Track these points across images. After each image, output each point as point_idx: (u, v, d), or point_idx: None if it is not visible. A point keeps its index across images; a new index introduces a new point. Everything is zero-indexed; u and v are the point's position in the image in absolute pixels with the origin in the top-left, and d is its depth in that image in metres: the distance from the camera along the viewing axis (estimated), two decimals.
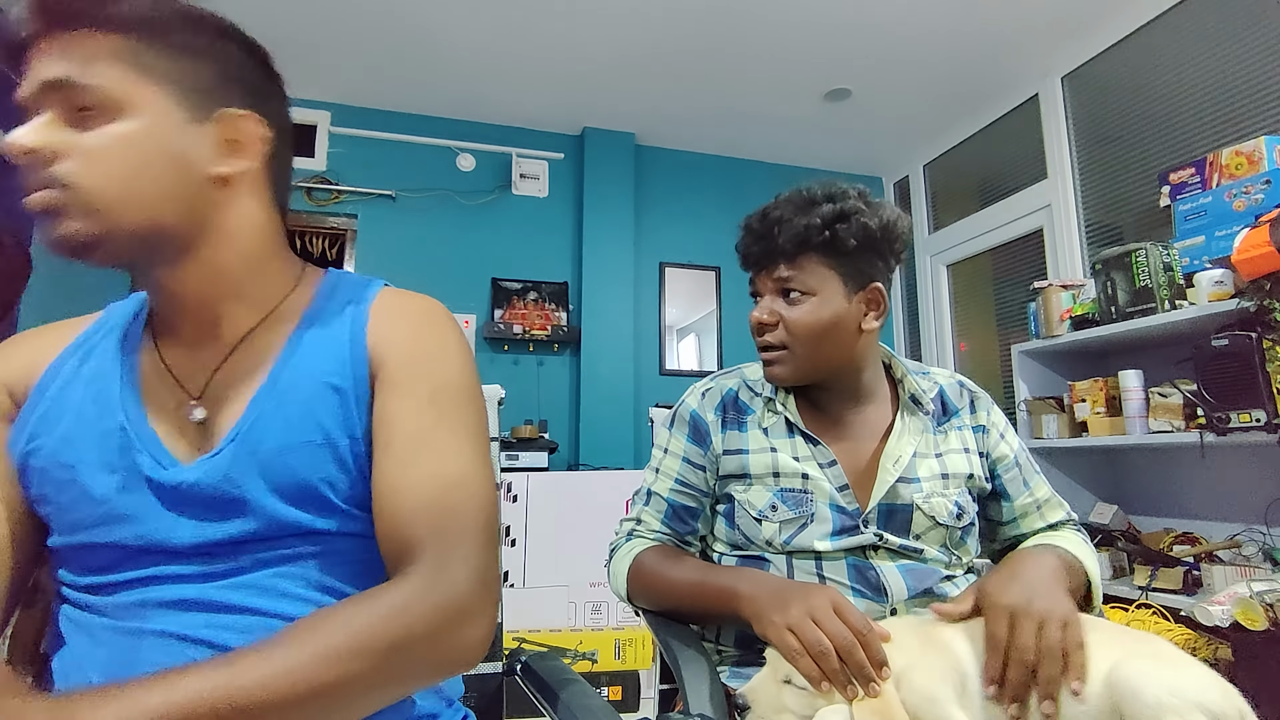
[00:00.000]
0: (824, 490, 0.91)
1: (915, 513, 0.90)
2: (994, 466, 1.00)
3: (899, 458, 0.93)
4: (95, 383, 0.62)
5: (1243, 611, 1.48)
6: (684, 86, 3.30)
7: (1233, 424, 1.82)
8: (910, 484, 0.92)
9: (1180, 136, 2.54)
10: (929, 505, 0.90)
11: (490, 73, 3.17)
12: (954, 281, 3.85)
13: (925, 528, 0.90)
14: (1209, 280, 1.92)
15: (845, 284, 0.92)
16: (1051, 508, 1.00)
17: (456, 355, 0.67)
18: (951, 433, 0.99)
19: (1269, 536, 2.02)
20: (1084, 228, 2.98)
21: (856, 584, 0.88)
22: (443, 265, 3.39)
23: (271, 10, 2.72)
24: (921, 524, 0.90)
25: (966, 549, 0.94)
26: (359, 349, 0.64)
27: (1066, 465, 2.56)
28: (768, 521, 0.91)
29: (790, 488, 0.92)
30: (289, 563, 0.58)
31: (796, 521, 0.90)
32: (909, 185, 4.11)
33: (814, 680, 0.65)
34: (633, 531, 1.01)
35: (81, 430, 0.59)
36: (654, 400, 3.48)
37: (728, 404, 1.01)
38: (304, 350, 0.63)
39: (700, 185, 3.92)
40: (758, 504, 0.93)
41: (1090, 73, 2.96)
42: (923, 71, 3.16)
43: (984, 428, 1.01)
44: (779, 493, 0.92)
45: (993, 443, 1.00)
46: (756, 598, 0.78)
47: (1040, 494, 1.00)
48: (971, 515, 0.94)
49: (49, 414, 0.60)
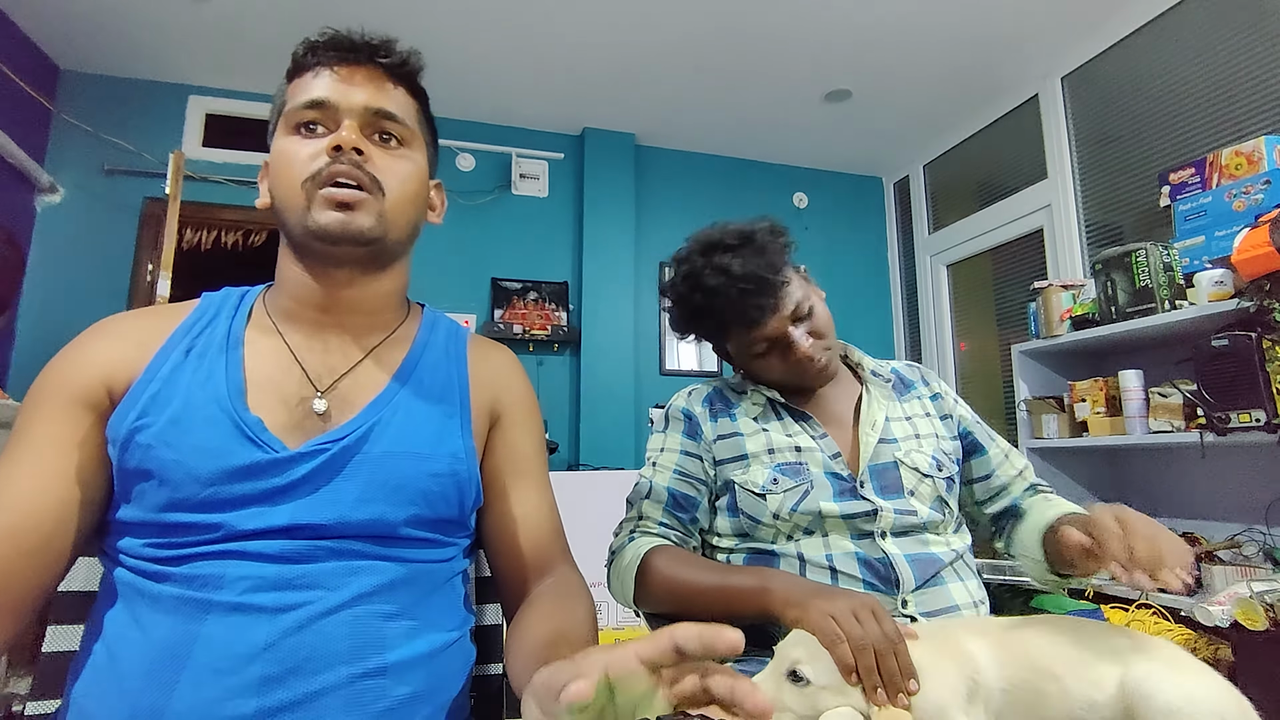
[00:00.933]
0: (818, 459, 0.97)
1: (901, 468, 0.97)
2: (960, 424, 1.09)
3: (875, 422, 1.01)
4: (205, 369, 0.66)
5: (1243, 612, 1.48)
6: (684, 86, 3.30)
7: (1233, 424, 1.82)
8: (890, 444, 0.99)
9: (1180, 136, 2.54)
10: (910, 459, 0.98)
11: (490, 73, 3.17)
12: (954, 281, 3.85)
13: (914, 482, 0.96)
14: (1209, 280, 1.92)
15: (807, 280, 1.05)
16: (1015, 455, 1.09)
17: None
18: (913, 400, 1.08)
19: (1269, 536, 2.02)
20: (1084, 228, 2.98)
21: (867, 577, 0.88)
22: (443, 265, 3.39)
23: (272, 10, 2.72)
24: (910, 479, 0.96)
25: (951, 506, 0.99)
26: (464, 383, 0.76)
27: (1066, 465, 2.56)
28: (772, 495, 0.94)
29: (786, 461, 0.97)
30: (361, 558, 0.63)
31: (798, 489, 0.94)
32: (909, 185, 4.11)
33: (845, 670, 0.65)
34: (635, 529, 1.00)
35: (192, 413, 0.62)
36: (654, 400, 3.48)
37: (714, 398, 1.08)
38: (419, 374, 0.73)
39: (700, 185, 3.92)
40: (759, 481, 0.95)
41: (1090, 73, 2.96)
42: (923, 71, 3.16)
43: (939, 395, 1.11)
44: (776, 467, 0.96)
45: (950, 406, 1.10)
46: (791, 590, 0.79)
47: (1002, 444, 1.10)
48: (950, 470, 1.01)
49: (160, 394, 0.63)
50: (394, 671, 0.60)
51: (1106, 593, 2.11)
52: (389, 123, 0.71)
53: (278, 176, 0.69)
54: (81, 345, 0.66)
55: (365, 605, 0.61)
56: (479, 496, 0.73)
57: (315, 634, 0.57)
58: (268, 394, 0.66)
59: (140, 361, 0.65)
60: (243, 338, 0.70)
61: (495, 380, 0.79)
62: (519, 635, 0.67)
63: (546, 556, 0.76)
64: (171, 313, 0.71)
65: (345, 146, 0.66)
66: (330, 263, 0.69)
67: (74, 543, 0.61)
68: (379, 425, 0.67)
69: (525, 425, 0.80)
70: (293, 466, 0.62)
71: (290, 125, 0.69)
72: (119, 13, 2.75)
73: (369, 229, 0.67)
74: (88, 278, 3.01)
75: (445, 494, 0.68)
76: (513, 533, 0.76)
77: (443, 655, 0.65)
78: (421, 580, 0.66)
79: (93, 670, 0.58)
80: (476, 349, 0.81)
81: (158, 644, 0.56)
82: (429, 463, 0.67)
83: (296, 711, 0.55)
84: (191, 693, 0.54)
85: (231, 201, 3.22)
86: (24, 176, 2.86)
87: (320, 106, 0.68)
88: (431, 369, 0.75)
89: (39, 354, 2.85)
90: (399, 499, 0.65)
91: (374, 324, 0.75)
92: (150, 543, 0.60)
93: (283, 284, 0.73)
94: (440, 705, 0.64)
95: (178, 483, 0.60)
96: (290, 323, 0.72)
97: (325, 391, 0.68)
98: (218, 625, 0.56)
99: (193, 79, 3.24)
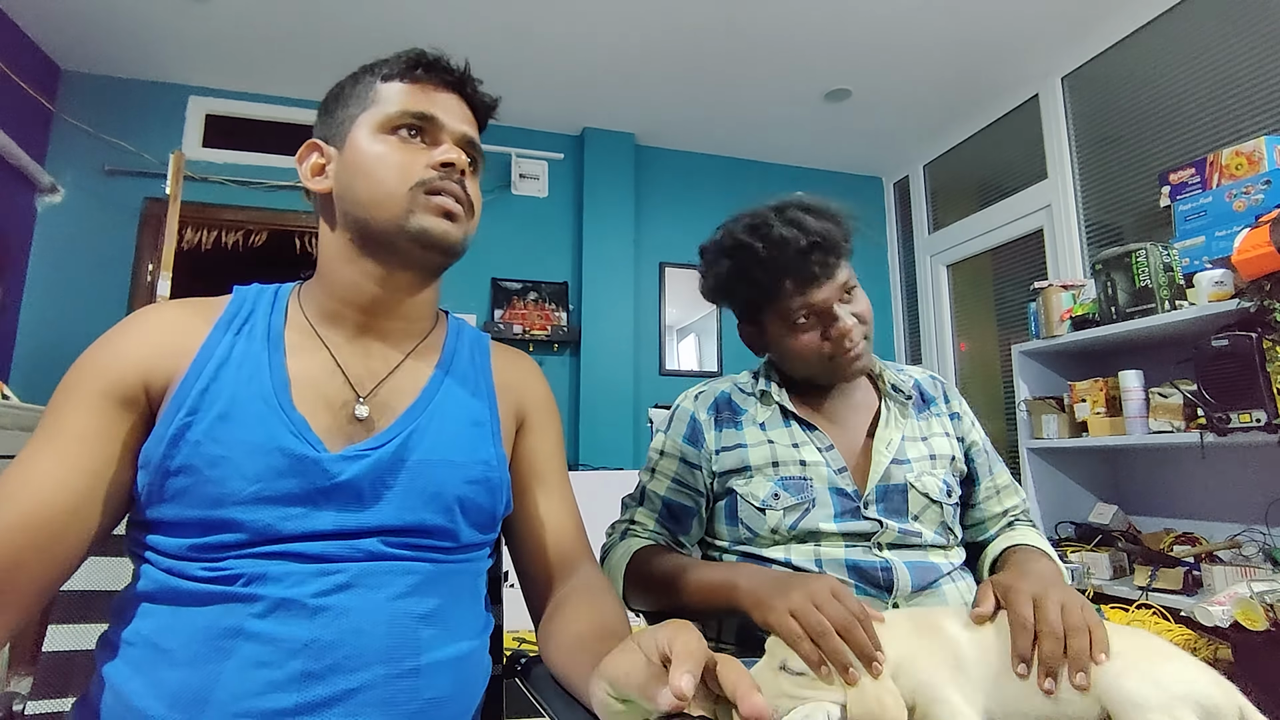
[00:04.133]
0: (822, 475, 0.95)
1: (910, 492, 0.94)
2: (967, 451, 1.05)
3: (890, 440, 0.98)
4: (248, 367, 0.66)
5: (1243, 612, 1.48)
6: (684, 86, 3.30)
7: (1233, 424, 1.82)
8: (903, 465, 0.96)
9: (1180, 136, 2.54)
10: (922, 484, 0.95)
11: (490, 73, 3.15)
12: (954, 281, 3.85)
13: (921, 507, 0.94)
14: (1209, 280, 1.92)
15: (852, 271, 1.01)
16: (1009, 493, 1.05)
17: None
18: (932, 419, 1.05)
19: (1269, 536, 2.02)
20: (1084, 228, 2.98)
21: (858, 583, 0.88)
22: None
23: (272, 11, 2.72)
24: (918, 503, 0.94)
25: (955, 530, 0.98)
26: (490, 389, 0.78)
27: (1066, 465, 2.56)
28: (771, 510, 0.93)
29: (790, 475, 0.95)
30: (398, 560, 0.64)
31: (800, 507, 0.92)
32: (909, 185, 4.11)
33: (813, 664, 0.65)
34: (627, 531, 1.01)
35: (240, 409, 0.62)
36: (654, 400, 3.48)
37: (721, 404, 1.04)
38: (451, 381, 0.75)
39: (700, 185, 3.92)
40: (760, 494, 0.94)
41: (1090, 73, 2.96)
42: (923, 72, 3.16)
43: (957, 415, 1.07)
44: (779, 481, 0.94)
45: (965, 429, 1.07)
46: (756, 588, 0.78)
47: (1000, 480, 1.05)
48: (958, 495, 0.99)
49: (209, 390, 0.63)
50: (426, 673, 0.61)
51: (1106, 593, 2.11)
52: (475, 152, 0.76)
53: (369, 172, 0.69)
54: (121, 336, 0.65)
55: (402, 606, 0.62)
56: (509, 502, 0.75)
57: (355, 633, 0.58)
58: (310, 395, 0.66)
59: (182, 357, 0.64)
60: (283, 335, 0.70)
61: (519, 386, 0.81)
62: (561, 630, 0.70)
63: (571, 557, 0.79)
64: (208, 307, 0.70)
65: (459, 165, 0.70)
66: (408, 265, 0.71)
67: (89, 540, 0.60)
68: (416, 433, 0.68)
69: (547, 430, 0.83)
70: (337, 469, 0.63)
71: (387, 126, 0.70)
72: (119, 13, 2.75)
73: (460, 242, 0.71)
74: (88, 278, 3.01)
75: (479, 500, 0.70)
76: (539, 535, 0.78)
77: (468, 660, 0.66)
78: (452, 581, 0.67)
79: (132, 654, 0.57)
80: (500, 356, 0.83)
81: (201, 635, 0.56)
82: (464, 470, 0.69)
83: (335, 707, 0.56)
84: (235, 684, 0.55)
85: (232, 201, 3.22)
86: (24, 176, 2.86)
87: (428, 120, 0.71)
88: (461, 377, 0.76)
89: (40, 353, 2.86)
90: (436, 505, 0.66)
91: (410, 330, 0.76)
92: (192, 543, 0.59)
93: (330, 283, 0.72)
94: (461, 710, 0.65)
95: (224, 478, 0.60)
96: (330, 325, 0.72)
97: (367, 397, 0.69)
98: (261, 621, 0.57)
99: (193, 79, 3.24)
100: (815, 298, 0.94)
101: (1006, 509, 1.04)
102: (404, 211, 0.67)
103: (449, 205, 0.69)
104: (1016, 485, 1.07)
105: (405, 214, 0.67)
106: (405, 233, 0.67)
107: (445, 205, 0.69)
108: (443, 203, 0.69)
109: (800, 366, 1.00)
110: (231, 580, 0.58)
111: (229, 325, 0.68)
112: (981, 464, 1.05)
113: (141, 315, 0.68)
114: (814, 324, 0.96)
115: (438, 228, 0.68)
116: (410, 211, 0.67)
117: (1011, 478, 1.07)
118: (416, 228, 0.67)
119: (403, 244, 0.68)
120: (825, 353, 0.96)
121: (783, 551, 0.92)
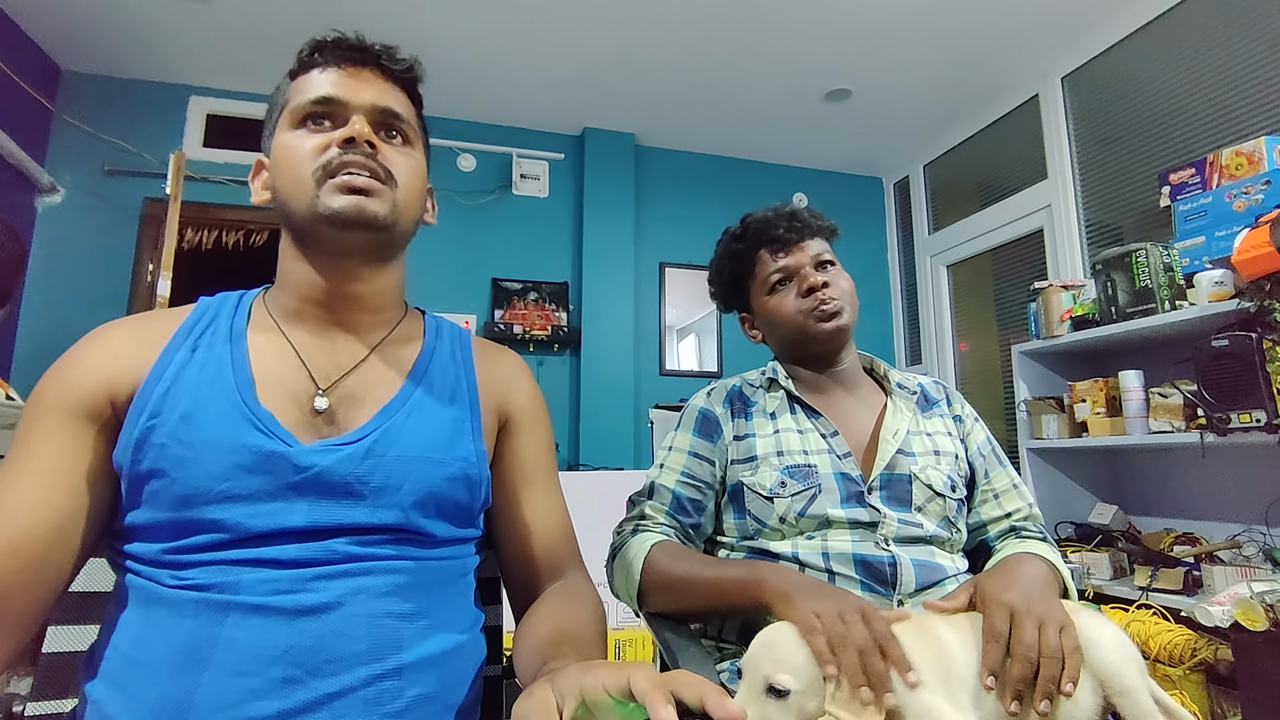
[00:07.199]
0: (827, 460, 0.97)
1: (915, 483, 0.96)
2: (969, 453, 1.07)
3: (897, 430, 1.00)
4: (210, 368, 0.66)
5: (1243, 612, 1.48)
6: (684, 86, 3.30)
7: (1233, 424, 1.82)
8: (908, 456, 0.98)
9: (1180, 136, 2.54)
10: (925, 476, 0.97)
11: (491, 73, 3.17)
12: (954, 282, 3.85)
13: (925, 499, 0.95)
14: (1209, 280, 1.92)
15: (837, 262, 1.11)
16: (1010, 497, 1.04)
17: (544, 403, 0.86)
18: (936, 418, 1.07)
19: (1269, 537, 2.02)
20: (1084, 228, 2.98)
21: (864, 578, 0.89)
22: (443, 265, 3.39)
23: (273, 11, 2.72)
24: (921, 495, 0.96)
25: (959, 527, 0.98)
26: (472, 385, 0.77)
27: (1066, 465, 2.56)
28: (779, 499, 0.94)
29: (795, 464, 0.96)
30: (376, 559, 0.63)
31: (807, 493, 0.94)
32: (909, 185, 4.11)
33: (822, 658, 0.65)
34: (638, 526, 1.00)
35: (203, 409, 0.62)
36: (654, 401, 3.48)
37: (734, 397, 1.08)
38: (430, 377, 0.74)
39: (700, 185, 3.93)
40: (767, 484, 0.96)
41: (1090, 73, 2.96)
42: (923, 71, 3.16)
43: (960, 417, 1.10)
44: (785, 470, 0.96)
45: (968, 430, 1.09)
46: (785, 584, 0.79)
47: (998, 484, 1.05)
48: (962, 492, 1.00)
49: (170, 393, 0.63)
50: (409, 672, 0.60)
51: (1106, 593, 2.11)
52: (396, 120, 0.73)
53: (283, 168, 0.69)
54: (81, 354, 0.65)
55: (382, 606, 0.61)
56: (489, 496, 0.75)
57: (334, 636, 0.58)
58: (276, 391, 0.66)
59: (143, 366, 0.65)
60: (245, 336, 0.70)
61: (503, 383, 0.80)
62: (525, 632, 0.69)
63: (557, 560, 0.78)
64: (169, 316, 0.71)
65: (359, 139, 0.67)
66: (339, 253, 0.69)
67: (75, 556, 0.61)
68: (393, 428, 0.67)
69: (534, 429, 0.81)
70: (307, 462, 0.62)
71: (296, 119, 0.70)
72: (120, 13, 2.75)
73: (383, 215, 0.68)
74: (88, 278, 3.01)
75: (457, 497, 0.69)
76: (524, 537, 0.77)
77: (455, 655, 0.65)
78: (435, 578, 0.67)
79: (111, 670, 0.57)
80: (482, 352, 0.82)
81: (177, 646, 0.56)
82: (442, 467, 0.68)
83: (318, 712, 0.55)
84: (214, 694, 0.54)
85: (232, 201, 3.22)
86: (24, 177, 2.86)
87: (329, 102, 0.69)
88: (441, 372, 0.75)
89: (40, 354, 2.86)
90: (413, 501, 0.66)
91: (377, 321, 0.75)
92: (165, 547, 0.59)
93: (286, 283, 0.73)
94: (450, 705, 0.64)
95: (191, 478, 0.59)
96: (294, 322, 0.72)
97: (328, 390, 0.68)
98: (237, 628, 0.56)
99: (193, 79, 3.24)
100: (787, 260, 1.06)
101: (1009, 512, 1.03)
102: (312, 197, 0.67)
103: (354, 181, 0.67)
104: (1023, 490, 1.05)
105: (314, 199, 0.66)
106: (319, 217, 0.66)
107: (350, 182, 0.66)
108: (346, 180, 0.66)
109: (786, 334, 1.07)
110: (207, 587, 0.58)
111: (190, 332, 0.69)
112: (980, 467, 1.06)
113: (99, 332, 0.68)
114: (790, 287, 1.06)
115: (348, 205, 0.66)
116: (317, 196, 0.66)
117: (1015, 485, 1.06)
118: (326, 210, 0.66)
119: (323, 230, 0.67)
120: (804, 310, 1.04)
121: (790, 545, 0.93)
